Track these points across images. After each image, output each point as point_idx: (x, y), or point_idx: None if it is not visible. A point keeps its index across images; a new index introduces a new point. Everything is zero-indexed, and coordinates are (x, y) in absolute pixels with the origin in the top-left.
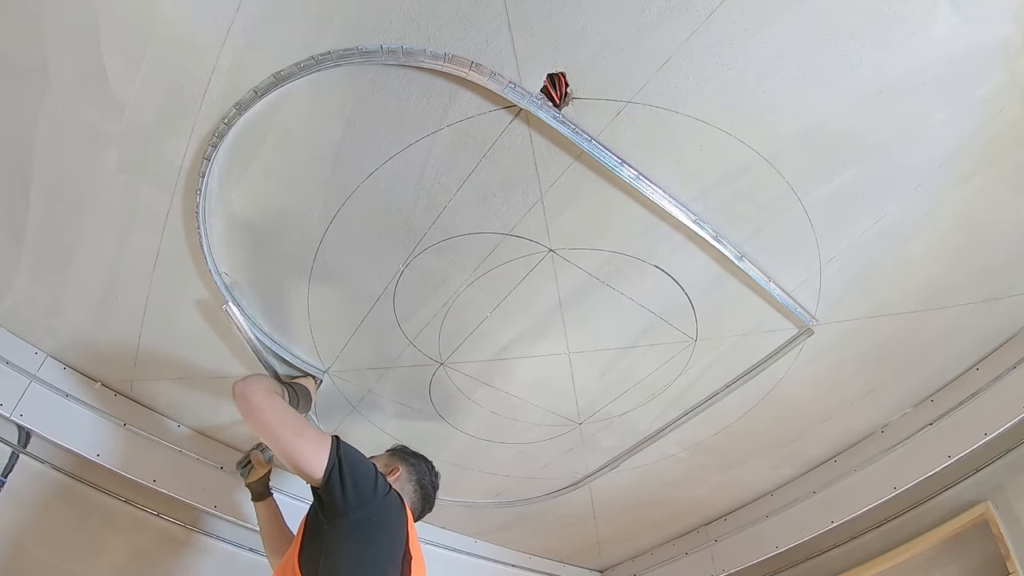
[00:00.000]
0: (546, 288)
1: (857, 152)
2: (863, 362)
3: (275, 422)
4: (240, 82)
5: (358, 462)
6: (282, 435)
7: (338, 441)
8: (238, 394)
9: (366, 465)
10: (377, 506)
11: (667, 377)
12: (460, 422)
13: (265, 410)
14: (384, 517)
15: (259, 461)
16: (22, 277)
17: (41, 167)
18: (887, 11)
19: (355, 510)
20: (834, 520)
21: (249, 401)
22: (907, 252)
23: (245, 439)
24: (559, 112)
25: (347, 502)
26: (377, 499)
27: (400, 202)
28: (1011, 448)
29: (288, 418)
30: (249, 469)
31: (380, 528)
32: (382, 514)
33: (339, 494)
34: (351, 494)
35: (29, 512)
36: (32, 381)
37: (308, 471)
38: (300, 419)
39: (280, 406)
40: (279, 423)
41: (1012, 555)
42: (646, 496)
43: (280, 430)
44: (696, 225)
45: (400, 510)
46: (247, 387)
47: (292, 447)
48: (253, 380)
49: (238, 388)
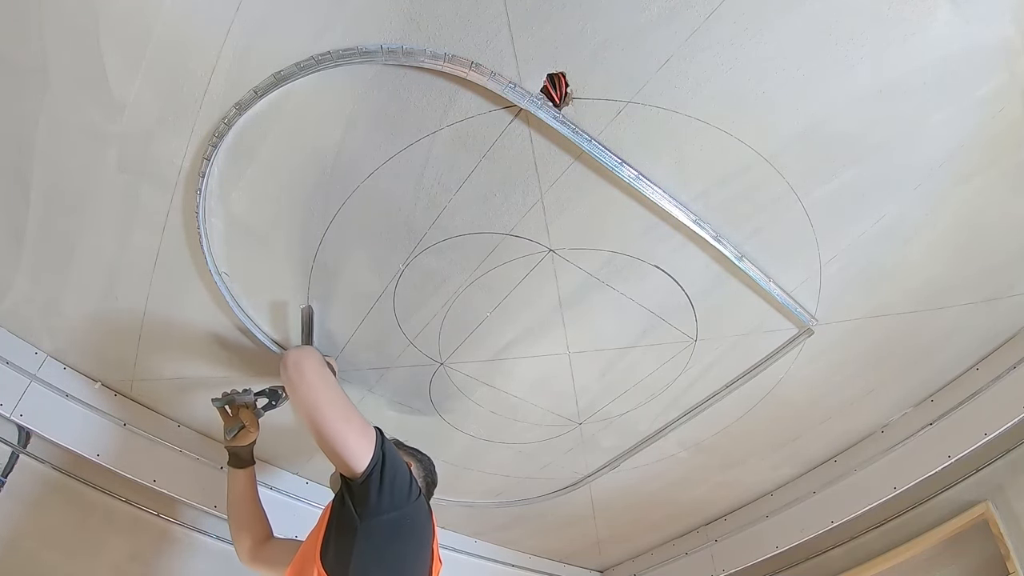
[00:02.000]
0: (546, 288)
1: (857, 152)
2: (863, 362)
3: (325, 402)
4: (240, 82)
5: (398, 463)
6: (331, 418)
7: (382, 436)
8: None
9: (404, 466)
10: (412, 509)
11: (667, 377)
12: (460, 422)
13: (318, 387)
14: (417, 520)
15: (252, 422)
16: (22, 277)
17: (41, 167)
18: (887, 11)
19: (389, 511)
20: (834, 520)
21: (304, 374)
22: (907, 252)
23: None
24: (559, 112)
25: (382, 502)
26: (411, 502)
27: (400, 202)
28: (1011, 448)
29: (339, 400)
30: (239, 430)
31: (413, 531)
32: (416, 517)
33: (375, 493)
34: (387, 495)
35: (29, 512)
36: (32, 381)
37: (349, 462)
38: (350, 403)
39: (334, 386)
40: (329, 404)
41: (1012, 555)
42: (646, 496)
43: (329, 412)
44: (696, 225)
45: (428, 513)
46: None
47: (338, 433)
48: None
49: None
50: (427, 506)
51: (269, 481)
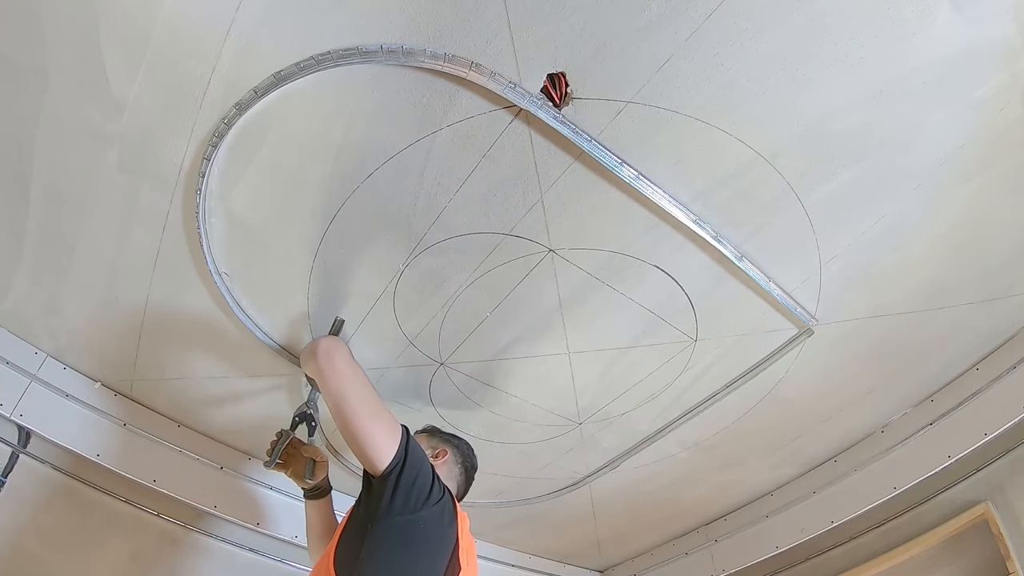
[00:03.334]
0: (546, 288)
1: (857, 152)
2: (863, 362)
3: (354, 394)
4: (240, 82)
5: (421, 464)
6: (359, 411)
7: (408, 435)
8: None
9: (427, 468)
10: (428, 513)
11: (667, 377)
12: (460, 422)
13: (348, 379)
14: (433, 525)
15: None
16: (22, 277)
17: (41, 167)
18: (887, 11)
19: (401, 514)
20: (834, 520)
21: (335, 364)
22: (907, 252)
23: (245, 440)
24: (559, 112)
25: (395, 504)
26: (429, 506)
27: (400, 202)
28: (1011, 448)
29: (368, 394)
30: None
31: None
32: (431, 521)
33: (390, 492)
34: (402, 497)
35: (29, 512)
36: (32, 381)
37: (373, 458)
38: (379, 399)
39: (363, 378)
40: (358, 397)
41: (1012, 555)
42: (646, 496)
43: (358, 405)
44: (696, 225)
45: (452, 517)
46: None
47: (365, 427)
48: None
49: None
50: (453, 510)
51: (270, 481)
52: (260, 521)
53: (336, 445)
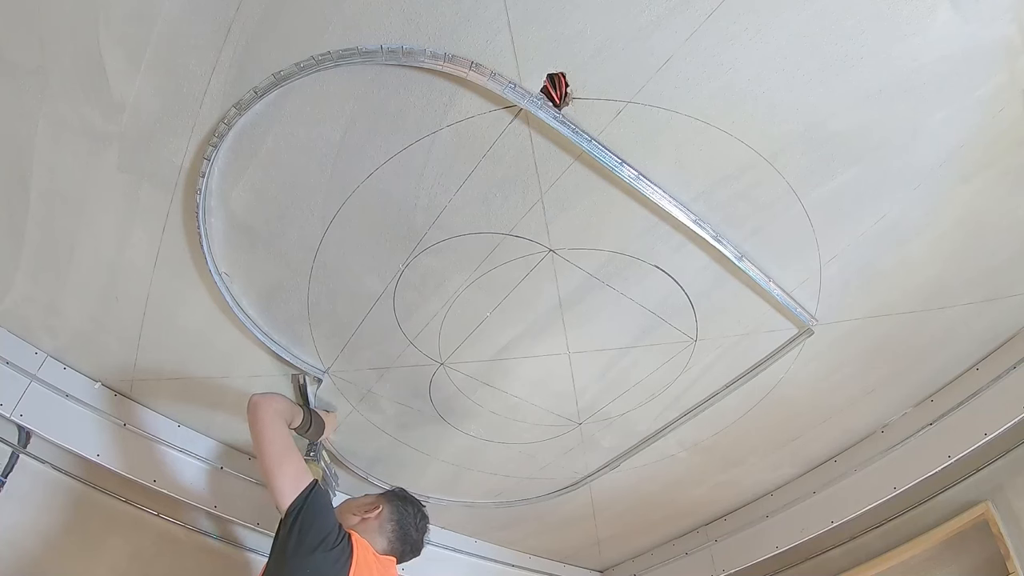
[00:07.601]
0: (546, 288)
1: (857, 152)
2: (863, 362)
3: (267, 441)
4: (240, 82)
5: (319, 515)
6: (268, 454)
7: (313, 487)
8: (252, 405)
9: (326, 521)
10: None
11: (667, 377)
12: (460, 422)
13: (266, 428)
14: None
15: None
16: (22, 277)
17: (41, 167)
18: (887, 11)
19: (293, 556)
20: (834, 520)
21: (257, 416)
22: (907, 252)
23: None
24: (559, 112)
25: (288, 544)
26: (316, 555)
27: (400, 202)
28: (1011, 448)
29: (280, 442)
30: None
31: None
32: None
33: (285, 533)
34: (295, 540)
35: (29, 512)
36: (32, 381)
37: (277, 498)
38: (291, 449)
39: (280, 430)
40: (269, 443)
41: (1012, 555)
42: (646, 496)
43: (268, 449)
44: (696, 225)
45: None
46: (261, 402)
47: (271, 470)
48: (270, 398)
49: (254, 400)
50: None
51: None
52: (260, 521)
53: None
